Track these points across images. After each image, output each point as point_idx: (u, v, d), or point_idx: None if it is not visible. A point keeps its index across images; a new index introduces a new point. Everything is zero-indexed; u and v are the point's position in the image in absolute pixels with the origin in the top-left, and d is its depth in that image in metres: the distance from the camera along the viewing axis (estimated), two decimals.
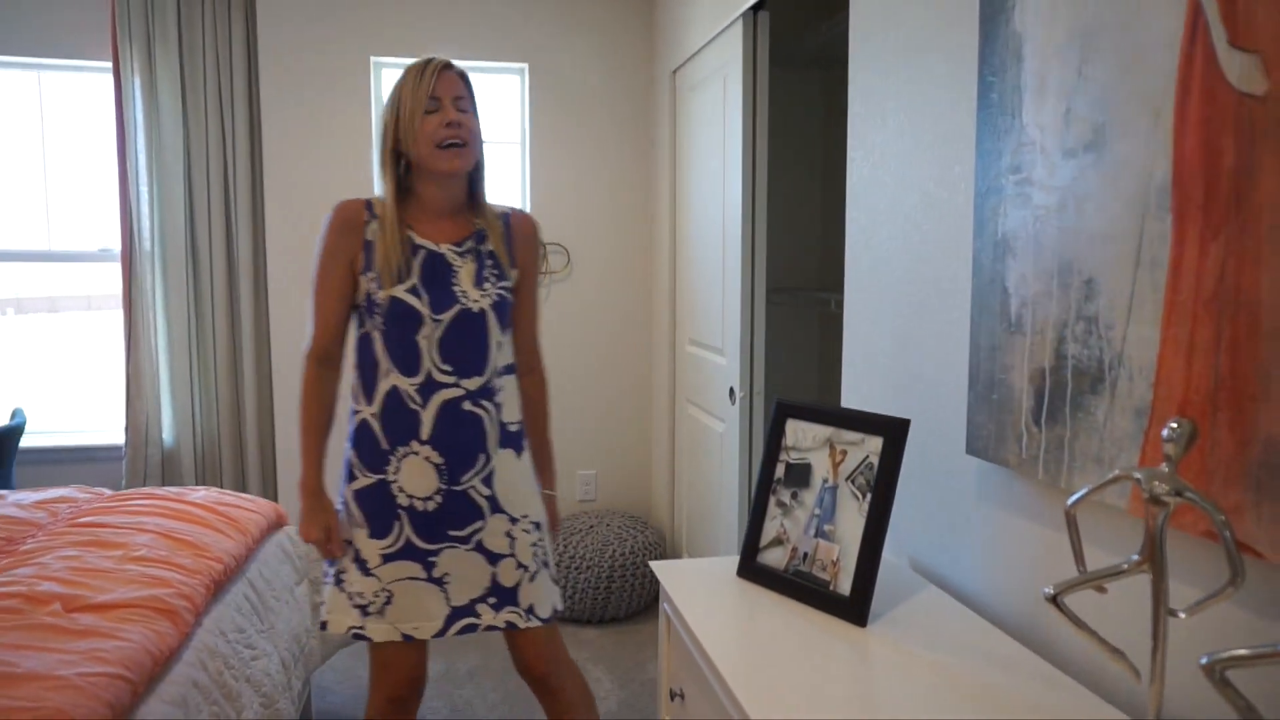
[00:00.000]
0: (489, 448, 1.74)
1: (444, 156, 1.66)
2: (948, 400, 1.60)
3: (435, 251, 1.71)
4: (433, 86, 1.66)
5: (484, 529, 1.74)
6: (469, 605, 1.76)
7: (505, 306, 1.76)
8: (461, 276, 1.71)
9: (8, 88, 3.55)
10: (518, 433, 1.81)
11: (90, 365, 3.84)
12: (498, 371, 1.75)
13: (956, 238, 1.56)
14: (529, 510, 1.80)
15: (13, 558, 1.92)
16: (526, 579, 1.78)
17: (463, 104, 1.69)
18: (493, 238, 1.76)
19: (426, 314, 1.67)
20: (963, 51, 1.52)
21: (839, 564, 1.46)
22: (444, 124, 1.65)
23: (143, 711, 1.52)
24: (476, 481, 1.73)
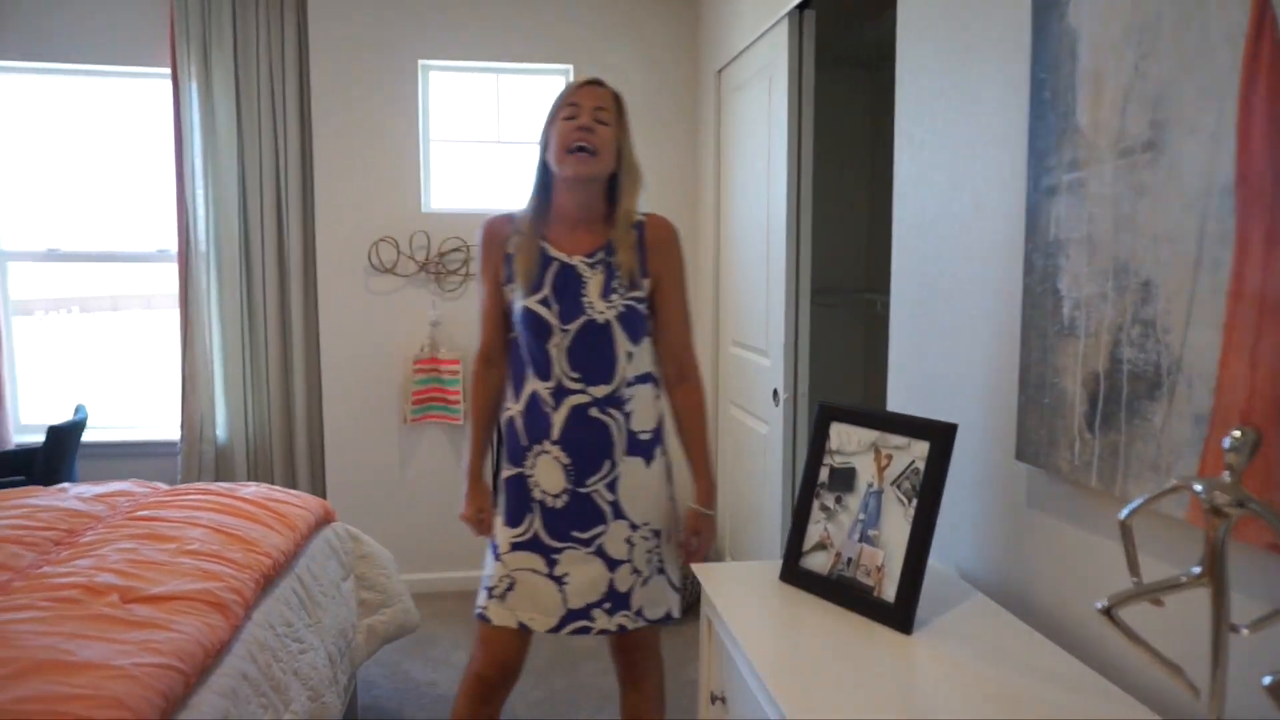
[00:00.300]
0: (615, 454, 1.79)
1: (570, 161, 1.72)
2: (996, 404, 1.56)
3: (567, 263, 1.77)
4: (573, 95, 1.75)
5: (605, 533, 1.79)
6: (585, 609, 1.80)
7: (635, 317, 1.78)
8: (590, 288, 1.76)
9: (73, 95, 3.67)
10: (648, 442, 1.82)
11: (148, 363, 3.95)
12: (627, 381, 1.79)
13: (1006, 238, 1.52)
14: (650, 518, 1.83)
15: (73, 549, 1.98)
16: (639, 583, 1.82)
17: (602, 115, 1.74)
18: (623, 249, 1.77)
19: (555, 324, 1.75)
20: (1014, 49, 1.48)
21: (883, 570, 1.44)
22: (576, 128, 1.71)
23: (194, 702, 1.56)
24: (601, 486, 1.78)
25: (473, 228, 3.64)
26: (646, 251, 1.80)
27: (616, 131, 1.77)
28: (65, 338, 4.01)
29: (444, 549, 3.76)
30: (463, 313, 3.68)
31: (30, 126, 3.67)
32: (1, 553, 1.92)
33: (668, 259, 1.82)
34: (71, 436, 3.28)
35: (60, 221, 3.74)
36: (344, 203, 3.58)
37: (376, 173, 3.59)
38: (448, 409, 3.63)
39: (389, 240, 3.60)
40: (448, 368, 3.61)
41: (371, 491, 3.69)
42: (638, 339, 1.80)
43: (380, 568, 2.64)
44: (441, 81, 3.70)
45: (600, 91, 1.77)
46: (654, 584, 1.84)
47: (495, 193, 3.78)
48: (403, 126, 3.59)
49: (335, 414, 3.65)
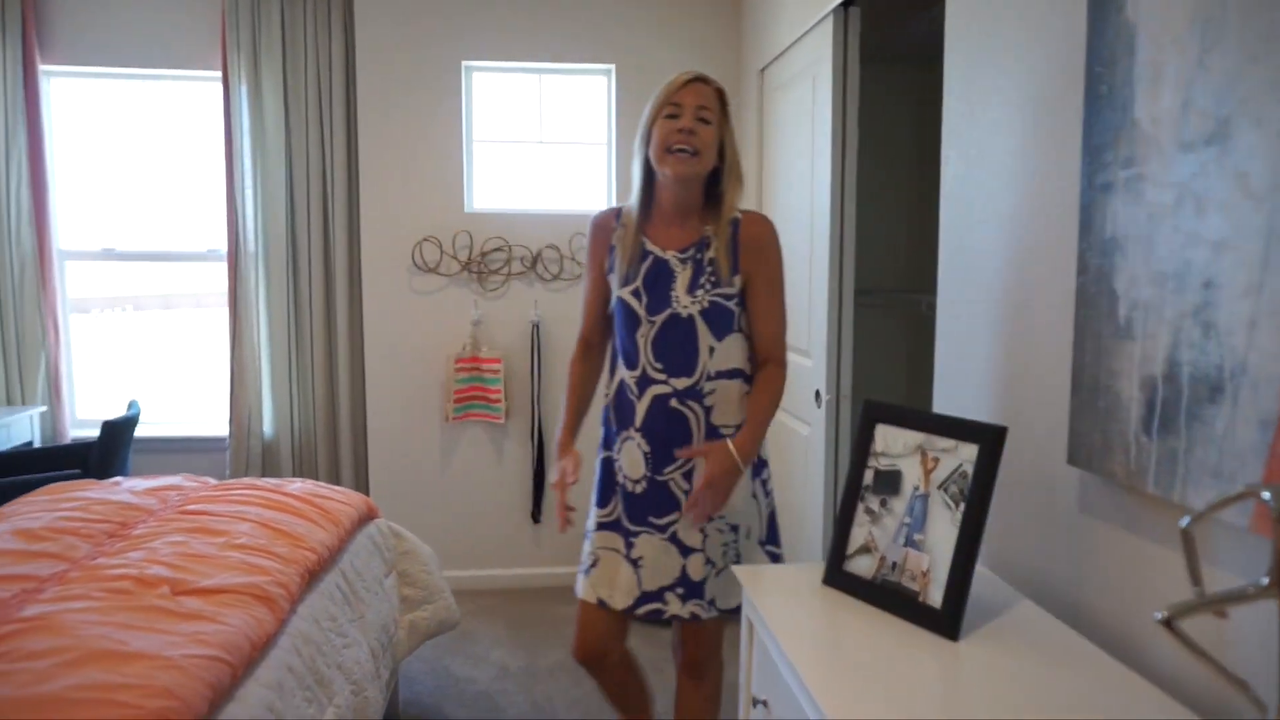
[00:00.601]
0: (693, 445, 1.82)
1: (670, 160, 1.74)
2: (1047, 407, 1.53)
3: (660, 257, 1.82)
4: (675, 93, 1.76)
5: (679, 521, 1.84)
6: (658, 591, 1.85)
7: (721, 313, 1.79)
8: (678, 282, 1.80)
9: (129, 99, 3.77)
10: (729, 436, 1.80)
11: (199, 361, 4.04)
12: (709, 375, 1.81)
13: (1059, 237, 1.49)
14: (728, 512, 1.84)
15: (126, 541, 2.03)
16: (713, 574, 1.85)
17: (704, 114, 1.75)
18: (716, 245, 1.79)
19: (643, 315, 1.81)
20: (1069, 43, 1.45)
21: (929, 575, 1.41)
22: (677, 129, 1.73)
23: (241, 694, 1.58)
24: (677, 475, 1.83)
25: (514, 228, 3.67)
26: (739, 249, 1.80)
27: (719, 129, 1.78)
28: (119, 335, 4.11)
29: (484, 547, 3.79)
30: (504, 312, 3.70)
31: (88, 130, 3.77)
32: (59, 544, 1.98)
33: (760, 257, 1.81)
34: (125, 432, 3.37)
35: (115, 222, 3.84)
36: (388, 203, 3.62)
37: (420, 173, 3.62)
38: (489, 408, 3.65)
39: (432, 240, 3.63)
40: (489, 366, 3.64)
41: (413, 489, 3.73)
42: (723, 335, 1.80)
43: (422, 564, 2.66)
44: (484, 82, 3.73)
45: (704, 89, 1.78)
46: (727, 575, 1.86)
47: (537, 193, 3.79)
48: (446, 127, 3.62)
49: (378, 412, 3.70)
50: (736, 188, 1.82)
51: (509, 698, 2.81)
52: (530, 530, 3.81)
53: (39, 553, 1.92)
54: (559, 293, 3.72)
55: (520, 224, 3.68)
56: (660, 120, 1.76)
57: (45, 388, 3.66)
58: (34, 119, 3.54)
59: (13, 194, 3.54)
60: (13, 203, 3.54)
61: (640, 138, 1.82)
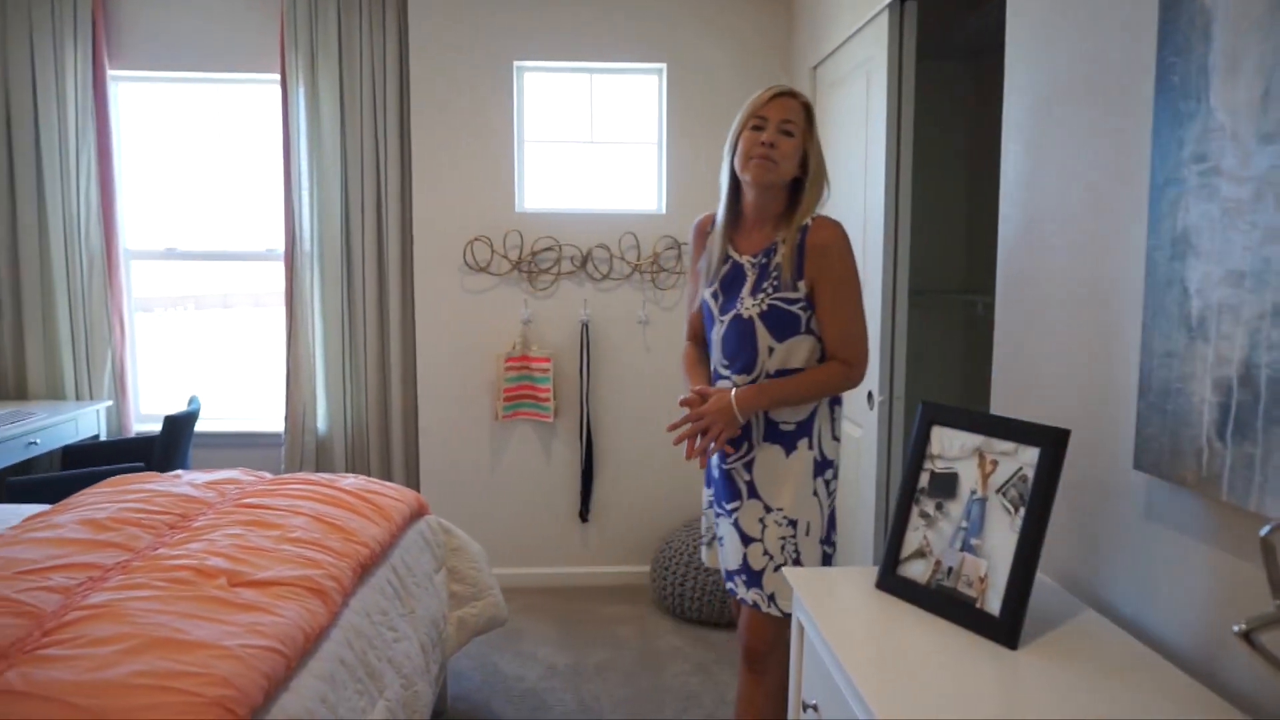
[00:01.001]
0: (753, 438, 1.93)
1: (750, 168, 1.86)
2: (1112, 410, 1.48)
3: (738, 261, 1.94)
4: (761, 107, 1.86)
5: (741, 509, 1.95)
6: (730, 573, 1.98)
7: (781, 316, 1.87)
8: (746, 285, 1.91)
9: (191, 101, 3.87)
10: (790, 433, 1.91)
11: (256, 358, 4.13)
12: (768, 374, 1.90)
13: (1125, 234, 1.44)
14: (784, 505, 1.91)
15: (187, 533, 2.08)
16: (771, 567, 1.91)
17: (788, 126, 1.85)
18: (782, 251, 1.87)
19: (716, 314, 1.95)
20: (1138, 33, 1.40)
21: (987, 580, 1.38)
22: (759, 141, 1.84)
23: (295, 684, 1.61)
24: (739, 465, 1.94)
25: (564, 227, 3.68)
26: (805, 254, 1.86)
27: (801, 140, 1.87)
28: (181, 333, 4.23)
29: (532, 545, 3.81)
30: (554, 311, 3.72)
31: (153, 132, 3.89)
32: (123, 534, 2.03)
33: (823, 262, 1.85)
34: (186, 426, 3.46)
35: (178, 222, 3.95)
36: (440, 203, 3.66)
37: (472, 174, 3.66)
38: (538, 406, 3.67)
39: (483, 239, 3.66)
40: (538, 365, 3.66)
41: (463, 486, 3.77)
42: (783, 336, 1.88)
43: (471, 561, 2.68)
44: (535, 82, 3.75)
45: (789, 103, 1.87)
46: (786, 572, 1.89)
47: (587, 193, 3.80)
48: (498, 128, 3.65)
49: (429, 409, 3.74)
50: (815, 195, 1.90)
51: (555, 696, 2.82)
52: (578, 529, 3.82)
53: (104, 542, 1.98)
54: (608, 292, 3.72)
55: (570, 224, 3.69)
56: (746, 132, 1.87)
57: (111, 383, 3.78)
58: (103, 122, 3.66)
59: (82, 195, 3.66)
60: (82, 204, 3.66)
61: (728, 147, 1.92)
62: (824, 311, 1.87)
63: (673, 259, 3.72)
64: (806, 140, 1.87)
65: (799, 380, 1.88)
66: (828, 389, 1.90)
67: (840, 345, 1.88)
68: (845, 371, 1.89)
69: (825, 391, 1.90)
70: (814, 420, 1.93)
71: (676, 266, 3.72)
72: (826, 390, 1.90)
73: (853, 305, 1.89)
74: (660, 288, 3.73)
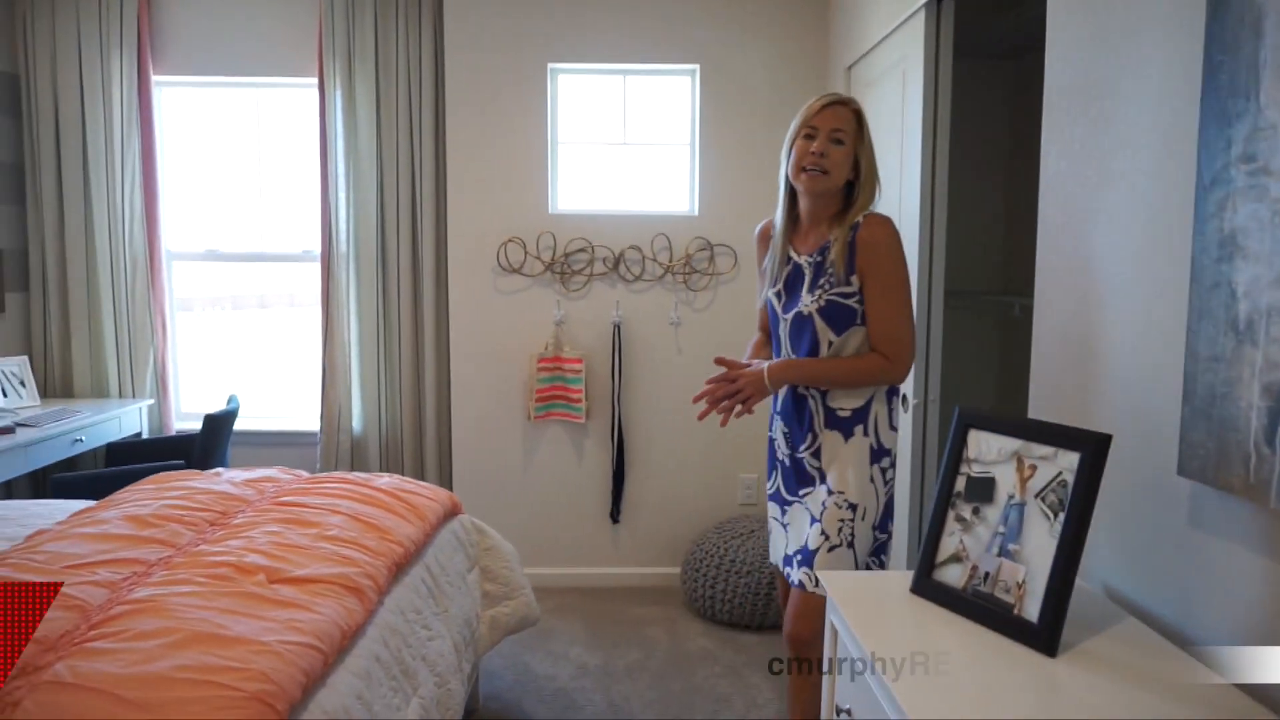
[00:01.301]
0: (816, 426, 2.02)
1: (803, 178, 1.95)
2: (1155, 415, 1.45)
3: (797, 262, 2.03)
4: (813, 117, 1.94)
5: (813, 494, 2.02)
6: (788, 557, 2.06)
7: (838, 310, 1.95)
8: (805, 283, 2.00)
9: (230, 106, 3.94)
10: (847, 419, 1.99)
11: (293, 358, 4.19)
12: None
13: (1170, 235, 1.41)
14: (845, 489, 1.97)
15: (226, 530, 2.11)
16: (825, 548, 1.95)
17: (839, 135, 1.93)
18: (835, 248, 1.94)
19: (780, 312, 2.05)
20: (1184, 31, 1.37)
21: (1025, 587, 1.36)
22: (810, 150, 1.92)
23: (331, 681, 1.63)
24: (808, 454, 2.03)
25: (597, 229, 3.70)
26: (856, 250, 1.93)
27: (852, 147, 1.94)
28: (219, 333, 4.30)
29: (563, 545, 3.82)
30: (586, 312, 3.73)
31: (193, 136, 3.96)
32: (165, 530, 2.08)
33: (872, 257, 1.92)
34: (225, 425, 3.52)
35: (217, 224, 4.02)
36: (474, 205, 3.69)
37: (506, 176, 3.68)
38: (570, 407, 3.69)
39: (516, 241, 3.68)
40: (570, 366, 3.67)
41: (495, 486, 3.79)
42: (841, 330, 1.96)
43: (504, 561, 2.70)
44: (569, 84, 3.77)
45: (840, 111, 1.94)
46: (839, 555, 1.94)
47: (620, 194, 3.81)
48: (532, 130, 3.67)
49: (463, 409, 3.77)
50: (867, 197, 1.98)
51: (586, 696, 2.82)
52: (609, 530, 3.83)
53: (147, 538, 2.02)
54: (640, 294, 3.73)
55: (603, 225, 3.70)
56: (799, 140, 1.95)
57: (153, 382, 3.86)
58: (147, 127, 3.74)
59: (126, 198, 3.74)
60: (126, 207, 3.74)
61: (784, 153, 2.01)
62: (871, 305, 1.94)
63: (705, 260, 3.71)
64: (857, 146, 1.95)
65: (833, 362, 1.97)
66: (863, 378, 1.96)
67: (881, 339, 1.94)
68: (883, 364, 1.94)
69: (859, 379, 1.96)
70: (869, 409, 1.99)
71: (708, 268, 3.72)
72: (860, 378, 1.96)
73: (897, 301, 1.94)
74: (692, 289, 3.73)
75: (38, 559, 1.85)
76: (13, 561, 1.84)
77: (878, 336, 1.94)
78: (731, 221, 3.70)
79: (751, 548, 3.38)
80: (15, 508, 2.54)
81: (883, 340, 1.94)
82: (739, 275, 3.72)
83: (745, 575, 3.32)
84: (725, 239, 3.71)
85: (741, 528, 3.52)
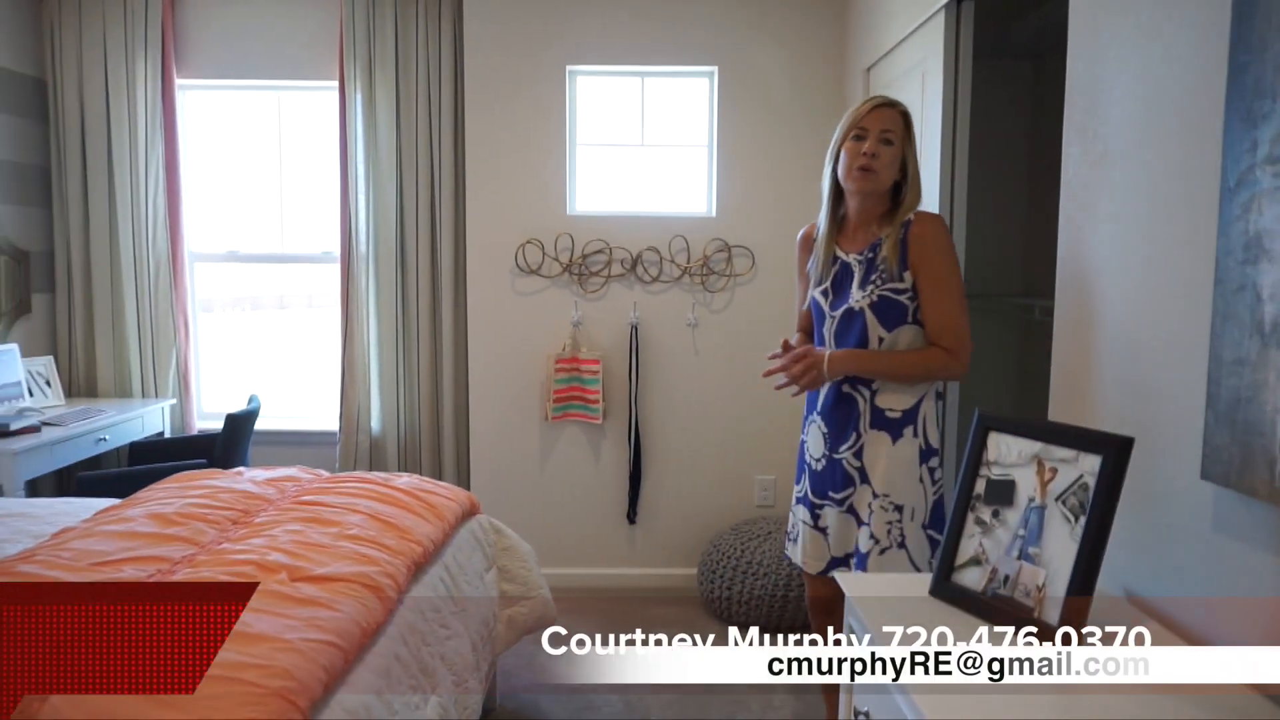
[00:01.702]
0: (861, 426, 2.02)
1: (854, 179, 1.98)
2: (1177, 418, 1.44)
3: (845, 260, 2.06)
4: (863, 119, 1.97)
5: (854, 495, 2.03)
6: (844, 558, 2.06)
7: (890, 306, 1.97)
8: (855, 280, 2.02)
9: (252, 109, 3.98)
10: (896, 420, 1.99)
11: (312, 358, 4.23)
12: None
13: (1193, 238, 1.40)
14: (891, 491, 1.98)
15: (249, 528, 2.14)
16: (877, 551, 1.97)
17: (888, 136, 1.96)
18: (887, 245, 1.98)
19: (827, 310, 2.07)
20: (1208, 31, 1.36)
21: (1044, 590, 1.35)
22: (861, 152, 1.95)
23: (352, 678, 1.65)
24: (849, 454, 2.03)
25: (614, 230, 3.70)
26: (908, 246, 1.96)
27: (901, 147, 1.98)
28: (239, 333, 4.34)
29: (579, 546, 3.83)
30: (604, 313, 3.74)
31: (215, 139, 4.01)
32: (189, 528, 2.10)
33: (925, 252, 1.95)
34: (246, 424, 3.56)
35: (238, 225, 4.06)
36: (493, 206, 3.71)
37: (524, 177, 3.70)
38: (587, 408, 3.70)
39: (535, 242, 3.70)
40: (588, 367, 3.68)
41: (512, 486, 3.81)
42: (892, 326, 1.98)
43: (521, 561, 2.71)
44: (587, 85, 3.78)
45: (889, 113, 1.98)
46: (891, 556, 1.96)
47: (638, 195, 3.82)
48: (550, 132, 3.68)
49: (480, 409, 3.79)
50: (914, 196, 2.01)
51: (603, 696, 2.83)
52: (626, 531, 3.84)
53: (171, 536, 2.04)
54: (658, 295, 3.73)
55: (621, 226, 3.71)
56: (849, 142, 1.98)
57: (176, 382, 3.90)
58: (170, 130, 3.78)
59: (150, 200, 3.78)
60: (150, 208, 3.78)
61: (830, 156, 2.04)
62: (926, 299, 1.96)
63: (722, 262, 3.71)
64: (906, 147, 1.99)
65: (895, 355, 1.98)
66: (926, 371, 1.98)
67: (941, 332, 1.96)
68: (945, 358, 1.96)
69: (919, 373, 1.98)
70: (919, 409, 2.00)
71: (726, 270, 3.72)
72: (924, 372, 1.98)
73: (954, 295, 1.97)
74: (710, 291, 3.73)
75: (64, 556, 1.88)
76: (41, 558, 1.87)
77: (937, 330, 1.96)
78: (749, 223, 3.70)
79: (769, 549, 3.38)
80: (42, 505, 2.57)
81: (942, 333, 1.96)
82: (756, 277, 3.72)
83: (762, 577, 3.32)
84: (743, 240, 3.71)
85: (759, 529, 3.51)
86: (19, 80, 3.69)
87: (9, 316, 3.64)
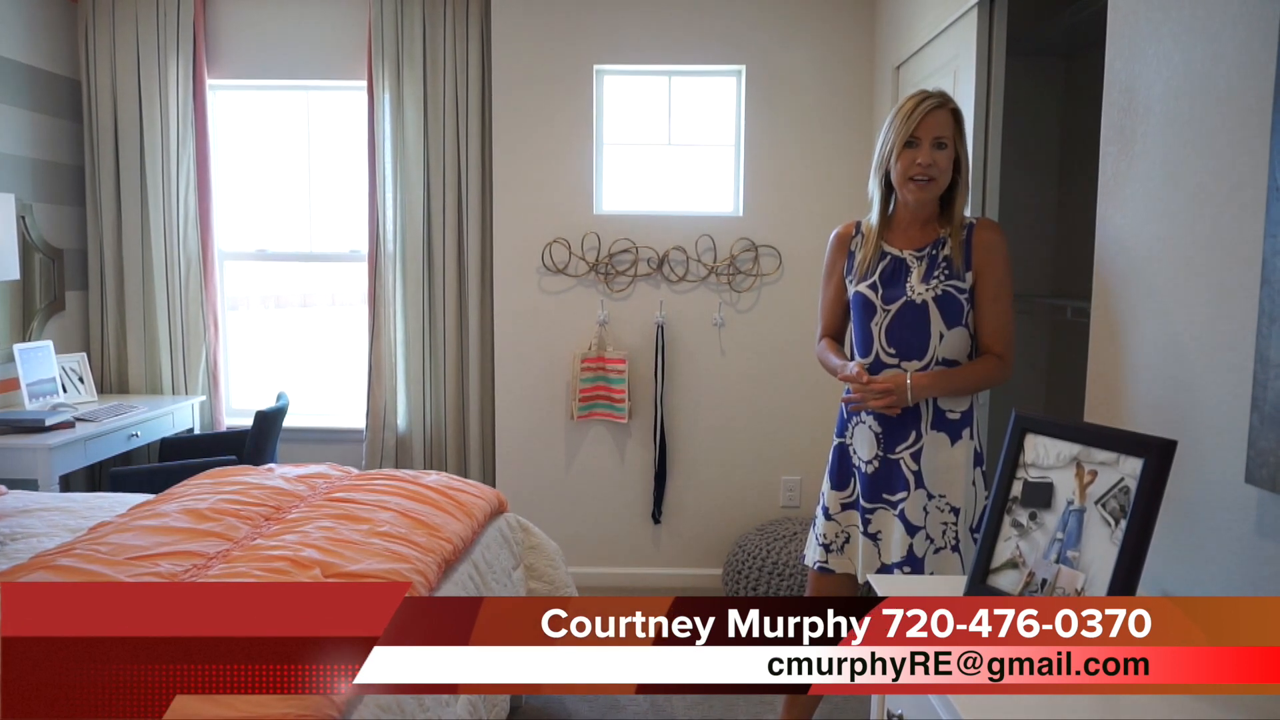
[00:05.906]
0: (921, 426, 1.99)
1: (911, 188, 1.97)
2: (1219, 421, 1.42)
3: (898, 256, 2.04)
4: (916, 126, 1.94)
5: (908, 499, 1.99)
6: (896, 565, 2.01)
7: (952, 302, 1.97)
8: (914, 275, 2.00)
9: (282, 109, 4.02)
10: (955, 421, 1.99)
11: (339, 356, 4.26)
12: (939, 361, 1.99)
13: (1238, 237, 1.38)
14: (948, 492, 1.98)
15: (281, 524, 2.16)
16: (932, 552, 1.98)
17: (941, 141, 1.95)
18: (951, 244, 2.00)
19: (879, 304, 2.02)
20: (1255, 27, 1.34)
21: (1084, 594, 1.33)
22: (915, 161, 1.94)
23: None
24: (906, 455, 2.00)
25: (641, 229, 3.70)
26: (973, 249, 1.99)
27: (954, 149, 1.97)
28: (266, 331, 4.39)
29: (604, 545, 3.84)
30: (630, 312, 3.74)
31: (245, 138, 4.05)
32: (222, 524, 2.12)
33: (990, 257, 1.98)
34: (275, 421, 3.59)
35: (267, 224, 4.10)
36: (520, 205, 3.72)
37: (551, 177, 3.71)
38: (613, 407, 3.70)
39: (561, 241, 3.71)
40: (614, 366, 3.68)
41: (537, 484, 3.82)
42: (953, 324, 1.97)
43: (548, 559, 2.72)
44: (614, 84, 3.78)
45: (941, 116, 1.95)
46: (945, 557, 1.96)
47: (664, 195, 3.82)
48: (577, 131, 3.69)
49: (506, 408, 3.80)
50: (967, 195, 2.03)
51: (628, 695, 2.83)
52: (650, 530, 3.84)
53: (206, 531, 2.07)
54: (684, 294, 3.73)
55: (647, 226, 3.71)
56: (901, 150, 1.96)
57: (205, 379, 3.95)
58: (201, 130, 3.82)
59: (181, 199, 3.83)
60: (181, 207, 3.83)
61: (878, 158, 2.02)
62: (984, 304, 1.98)
63: (749, 261, 3.70)
64: (959, 145, 1.99)
65: (966, 371, 1.98)
66: (988, 382, 2.00)
67: (996, 338, 1.98)
68: (999, 365, 1.99)
69: (984, 384, 2.00)
70: (972, 412, 2.02)
71: (753, 269, 3.71)
72: (986, 383, 2.00)
73: (1009, 304, 2.00)
74: (736, 290, 3.72)
75: (102, 550, 1.91)
76: (79, 552, 1.89)
77: (992, 336, 1.98)
78: (776, 222, 3.69)
79: (794, 550, 3.36)
80: (78, 500, 2.61)
81: (997, 340, 1.98)
82: (783, 276, 3.71)
83: (787, 578, 3.30)
84: (770, 240, 3.69)
85: (784, 530, 3.50)
86: (54, 81, 3.75)
87: (43, 313, 3.70)
